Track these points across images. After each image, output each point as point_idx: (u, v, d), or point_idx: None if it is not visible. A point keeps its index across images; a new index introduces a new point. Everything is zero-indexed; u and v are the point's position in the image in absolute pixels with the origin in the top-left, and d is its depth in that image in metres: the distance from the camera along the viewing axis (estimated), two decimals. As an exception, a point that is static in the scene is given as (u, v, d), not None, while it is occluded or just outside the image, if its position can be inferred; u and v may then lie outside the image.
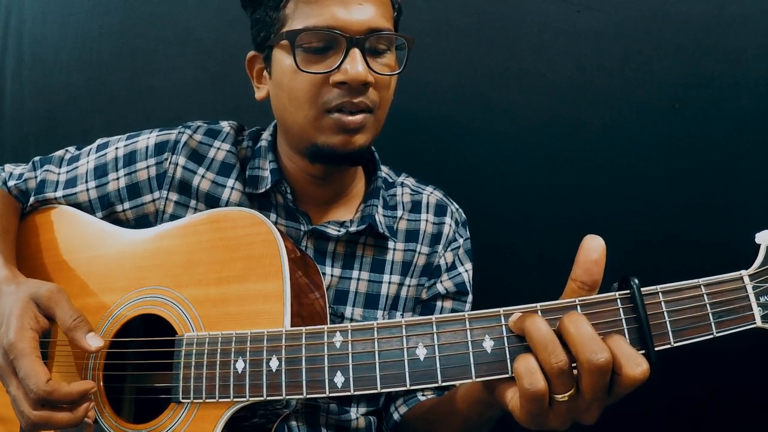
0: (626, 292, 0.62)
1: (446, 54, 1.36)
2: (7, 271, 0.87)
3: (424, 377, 0.66)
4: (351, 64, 0.84)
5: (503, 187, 1.35)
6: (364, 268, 1.01)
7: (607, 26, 1.29)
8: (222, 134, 1.02)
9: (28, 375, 0.74)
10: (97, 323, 0.88)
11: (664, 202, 1.28)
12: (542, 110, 1.33)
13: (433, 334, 0.66)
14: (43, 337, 0.81)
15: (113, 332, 0.87)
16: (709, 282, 0.62)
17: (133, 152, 1.01)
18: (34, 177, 1.05)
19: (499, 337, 0.64)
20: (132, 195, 1.00)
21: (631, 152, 1.29)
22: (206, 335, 0.79)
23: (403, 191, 1.09)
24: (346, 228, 0.99)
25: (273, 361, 0.73)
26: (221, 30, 1.46)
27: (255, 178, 0.99)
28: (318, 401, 0.97)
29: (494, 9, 1.34)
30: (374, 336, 0.68)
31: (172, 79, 1.49)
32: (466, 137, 1.36)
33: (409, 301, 1.04)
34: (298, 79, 0.88)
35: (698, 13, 1.25)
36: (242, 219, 0.85)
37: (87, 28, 1.54)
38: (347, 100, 0.87)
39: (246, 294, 0.80)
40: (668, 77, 1.27)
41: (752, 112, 1.23)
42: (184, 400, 0.78)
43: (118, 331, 0.87)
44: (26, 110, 1.58)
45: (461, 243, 1.09)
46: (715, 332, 0.62)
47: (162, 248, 0.89)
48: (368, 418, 1.02)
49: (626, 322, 0.62)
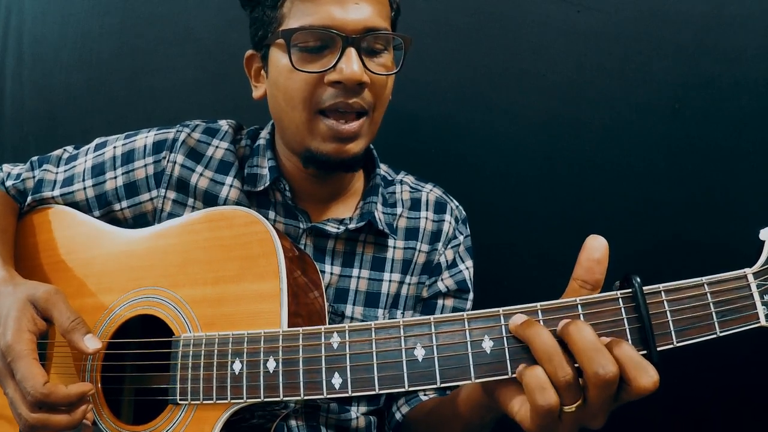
0: (628, 291, 0.62)
1: (446, 54, 1.35)
2: (5, 272, 0.86)
3: (423, 378, 0.65)
4: (346, 63, 0.84)
5: (503, 187, 1.34)
6: (364, 266, 1.01)
7: (607, 26, 1.29)
8: (220, 133, 1.02)
9: (25, 377, 0.74)
10: (94, 324, 0.88)
11: (664, 202, 1.28)
12: (542, 110, 1.32)
13: (432, 335, 0.66)
14: (41, 338, 0.80)
15: (111, 333, 0.86)
16: (712, 280, 0.61)
17: (131, 151, 1.01)
18: (32, 177, 1.04)
19: (498, 338, 0.63)
20: (130, 194, 1.00)
21: (631, 152, 1.29)
22: (203, 336, 0.78)
23: (403, 189, 1.09)
24: (346, 225, 0.99)
25: (270, 362, 0.72)
26: (221, 30, 1.46)
27: (254, 176, 0.99)
28: (318, 401, 0.97)
29: (494, 9, 1.34)
30: (372, 337, 0.68)
31: (172, 79, 1.49)
32: (466, 137, 1.36)
33: (409, 300, 1.04)
34: (293, 78, 0.87)
35: (698, 13, 1.25)
36: (239, 218, 0.84)
37: (87, 28, 1.54)
38: (341, 100, 0.86)
39: (243, 294, 0.80)
40: (668, 77, 1.27)
41: (752, 112, 1.23)
42: (182, 402, 0.78)
43: (115, 332, 0.86)
44: (26, 110, 1.59)
45: (461, 240, 1.09)
46: (719, 332, 0.60)
47: (158, 248, 0.88)
48: (368, 418, 1.02)
49: (628, 321, 0.61)
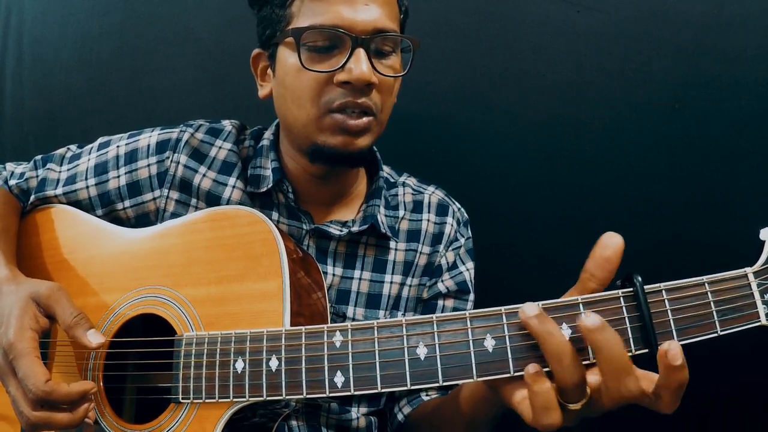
0: (629, 289, 0.62)
1: (446, 54, 1.36)
2: (8, 270, 0.87)
3: (425, 377, 0.65)
4: (355, 63, 0.84)
5: (503, 187, 1.34)
6: (365, 268, 1.01)
7: (607, 26, 1.29)
8: (224, 133, 1.02)
9: (27, 375, 0.74)
10: (96, 323, 0.88)
11: (664, 202, 1.28)
12: (542, 110, 1.32)
13: (434, 333, 0.66)
14: (43, 337, 0.80)
15: (113, 332, 0.86)
16: (713, 279, 0.62)
17: (135, 150, 1.01)
18: (35, 176, 1.04)
19: (500, 336, 0.64)
20: (132, 193, 1.00)
21: (631, 152, 1.29)
22: (205, 335, 0.78)
23: (405, 191, 1.09)
24: (348, 228, 0.99)
25: (273, 361, 0.72)
26: (221, 30, 1.46)
27: (257, 177, 0.99)
28: (319, 401, 0.97)
29: (494, 9, 1.34)
30: (374, 335, 0.68)
31: (172, 79, 1.49)
32: (466, 137, 1.36)
33: (410, 301, 1.04)
34: (301, 78, 0.87)
35: (698, 13, 1.25)
36: (242, 218, 0.85)
37: (87, 28, 1.54)
38: (350, 100, 0.86)
39: (245, 293, 0.80)
40: (668, 77, 1.27)
41: (752, 112, 1.23)
42: (184, 401, 0.78)
43: (117, 331, 0.86)
44: (26, 110, 1.59)
45: (462, 242, 1.09)
46: (720, 330, 0.61)
47: (161, 247, 0.89)
48: (369, 418, 1.02)
49: (629, 320, 0.62)
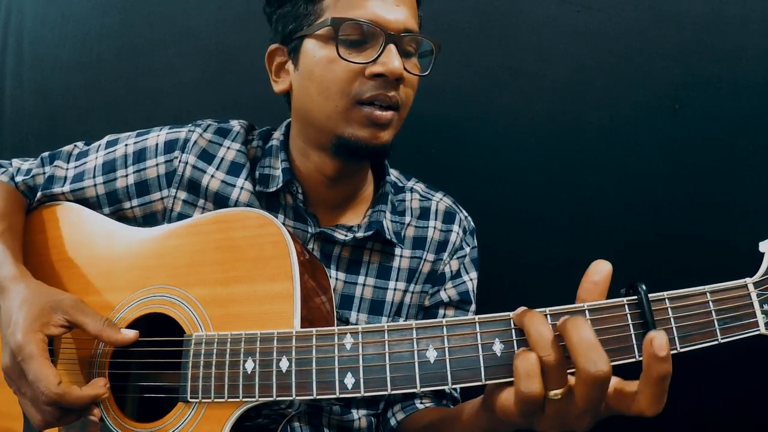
0: (634, 297, 0.63)
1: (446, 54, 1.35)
2: (16, 269, 0.87)
3: (435, 379, 0.66)
4: (388, 57, 0.86)
5: (503, 188, 1.35)
6: (370, 274, 1.01)
7: (607, 26, 1.29)
8: (232, 133, 1.02)
9: (38, 378, 0.74)
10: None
11: (664, 201, 1.28)
12: (542, 110, 1.33)
13: (444, 337, 0.67)
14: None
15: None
16: (714, 289, 0.63)
17: (143, 149, 1.00)
18: (42, 173, 1.03)
19: (508, 341, 0.65)
20: (140, 192, 1.00)
21: (631, 152, 1.29)
22: (215, 335, 0.79)
23: (413, 197, 1.09)
24: (354, 233, 0.99)
25: (283, 362, 0.73)
26: (221, 30, 1.46)
27: (266, 176, 0.99)
28: (322, 402, 0.97)
29: (494, 9, 1.34)
30: (385, 338, 0.69)
31: (172, 79, 1.49)
32: (466, 137, 1.36)
33: (412, 308, 1.04)
34: (333, 68, 0.88)
35: (698, 13, 1.26)
36: (251, 219, 0.85)
37: (87, 28, 1.53)
38: (381, 92, 0.88)
39: (254, 294, 0.80)
40: (668, 77, 1.27)
41: (752, 112, 1.24)
42: (192, 400, 0.78)
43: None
44: (26, 110, 1.58)
45: (468, 252, 1.08)
46: (720, 338, 0.63)
47: (168, 247, 0.89)
48: (370, 418, 1.03)
49: (633, 327, 0.63)
